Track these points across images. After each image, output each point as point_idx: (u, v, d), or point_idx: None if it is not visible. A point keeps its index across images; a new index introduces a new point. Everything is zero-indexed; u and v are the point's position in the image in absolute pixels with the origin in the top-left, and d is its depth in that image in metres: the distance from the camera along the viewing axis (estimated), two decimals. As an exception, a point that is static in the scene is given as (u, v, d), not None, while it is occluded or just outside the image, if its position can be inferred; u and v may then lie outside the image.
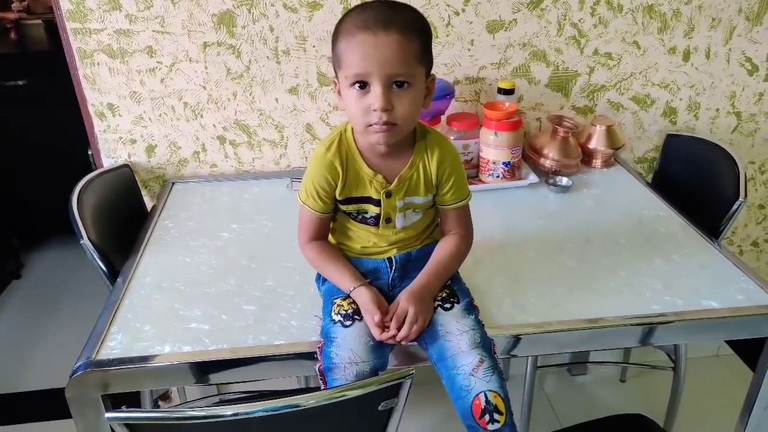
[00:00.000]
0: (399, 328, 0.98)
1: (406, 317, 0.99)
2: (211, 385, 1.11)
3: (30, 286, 2.65)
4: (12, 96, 2.51)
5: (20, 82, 2.51)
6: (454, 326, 1.00)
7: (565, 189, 1.60)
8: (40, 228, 2.77)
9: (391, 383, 0.89)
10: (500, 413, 0.93)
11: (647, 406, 1.96)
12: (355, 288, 1.03)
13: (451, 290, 1.06)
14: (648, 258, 1.30)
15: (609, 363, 2.06)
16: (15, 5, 2.60)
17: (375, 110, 0.93)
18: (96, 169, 1.64)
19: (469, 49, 1.67)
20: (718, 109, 1.83)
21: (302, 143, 1.73)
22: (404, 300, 1.01)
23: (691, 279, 1.23)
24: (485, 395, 0.93)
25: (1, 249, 2.63)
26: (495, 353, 0.99)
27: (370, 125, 0.96)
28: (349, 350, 0.97)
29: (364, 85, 0.94)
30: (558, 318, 1.12)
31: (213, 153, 1.72)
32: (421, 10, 0.98)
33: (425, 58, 0.97)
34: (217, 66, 1.61)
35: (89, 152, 1.72)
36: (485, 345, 0.98)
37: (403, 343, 1.00)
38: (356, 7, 0.96)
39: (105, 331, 1.10)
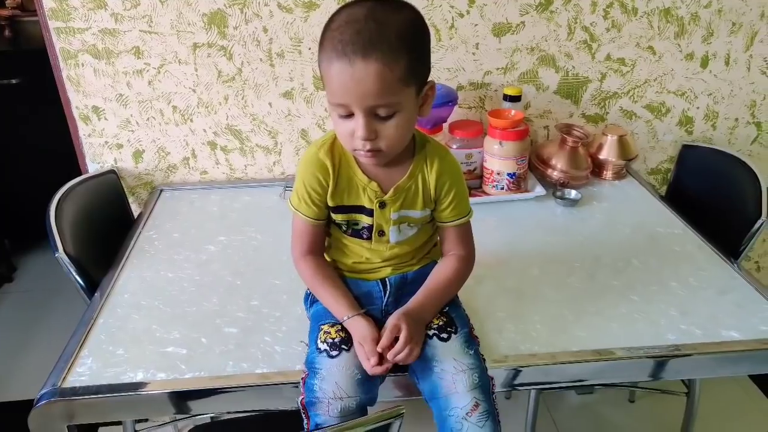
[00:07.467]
0: (389, 348, 0.89)
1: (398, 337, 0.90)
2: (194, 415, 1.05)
3: (22, 290, 2.58)
4: (5, 95, 2.45)
5: (14, 81, 2.44)
6: (450, 363, 0.91)
7: (574, 202, 1.51)
8: (33, 230, 2.69)
9: (379, 424, 0.81)
10: None
11: (658, 429, 1.86)
12: (349, 317, 0.94)
13: (449, 318, 0.97)
14: (662, 281, 1.22)
15: (616, 386, 1.95)
16: (9, 2, 2.52)
17: (358, 137, 0.87)
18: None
19: (473, 53, 1.58)
20: (737, 119, 1.73)
21: (297, 150, 1.65)
22: (396, 319, 0.92)
23: (709, 306, 1.14)
24: None
25: (-8, 251, 2.56)
26: (493, 393, 0.91)
27: (356, 149, 0.89)
28: (333, 384, 0.89)
29: (346, 114, 0.86)
30: (564, 348, 1.04)
31: (203, 159, 1.64)
32: (422, 12, 0.88)
33: (416, 74, 0.86)
34: (208, 68, 1.53)
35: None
36: (483, 386, 0.90)
37: (388, 371, 0.90)
38: (342, 11, 0.85)
39: (74, 354, 1.02)
